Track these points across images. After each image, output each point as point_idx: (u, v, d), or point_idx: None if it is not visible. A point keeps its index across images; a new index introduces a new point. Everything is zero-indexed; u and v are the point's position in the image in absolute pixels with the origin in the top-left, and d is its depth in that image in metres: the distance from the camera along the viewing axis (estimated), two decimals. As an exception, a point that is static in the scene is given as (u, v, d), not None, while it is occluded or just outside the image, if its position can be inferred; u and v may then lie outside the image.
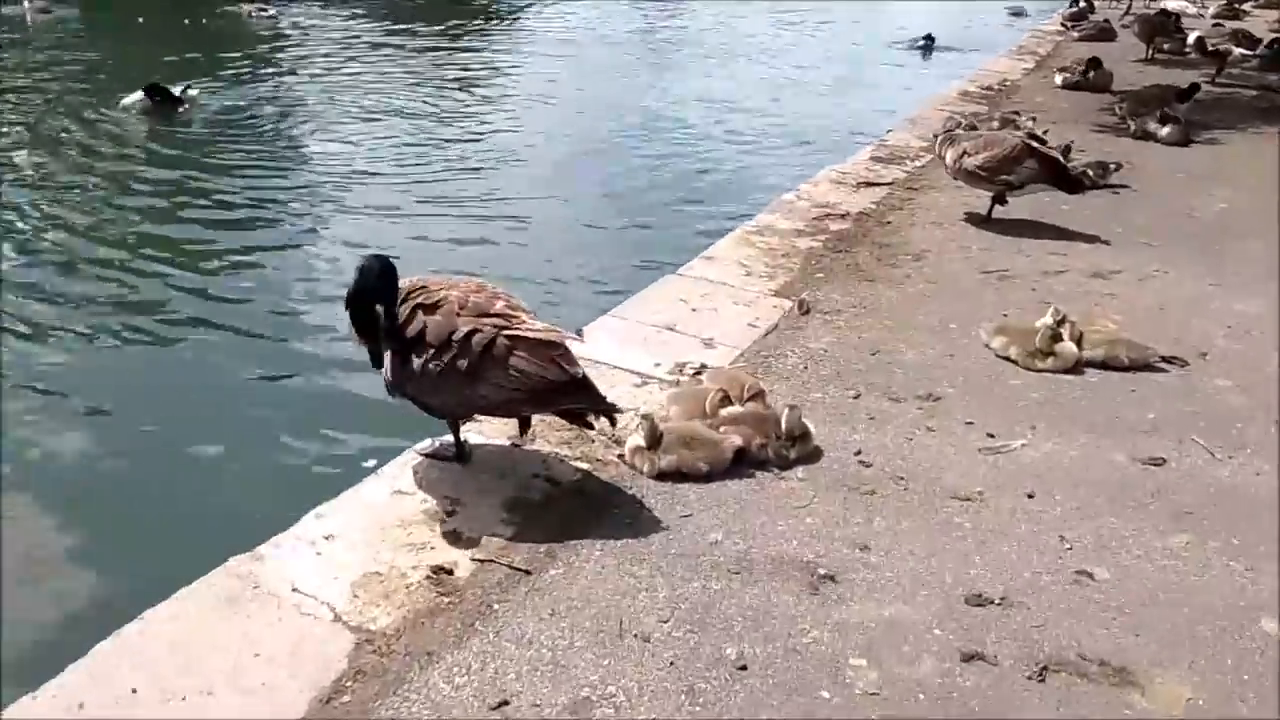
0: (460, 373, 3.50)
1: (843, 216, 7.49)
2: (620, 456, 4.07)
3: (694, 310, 5.59)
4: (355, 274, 3.81)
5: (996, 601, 3.29)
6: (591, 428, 3.76)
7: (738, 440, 4.02)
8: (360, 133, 12.71)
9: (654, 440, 3.97)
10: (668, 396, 4.51)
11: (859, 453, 4.18)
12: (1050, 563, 3.51)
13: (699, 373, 4.80)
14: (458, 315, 3.58)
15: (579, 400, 3.54)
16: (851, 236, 7.05)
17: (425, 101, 14.52)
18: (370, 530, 3.56)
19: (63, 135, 12.06)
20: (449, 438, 3.99)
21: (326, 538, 3.51)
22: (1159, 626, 3.22)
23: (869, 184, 8.43)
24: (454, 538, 3.56)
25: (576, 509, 3.75)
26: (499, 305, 3.62)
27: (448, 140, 12.37)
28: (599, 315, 5.53)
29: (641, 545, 3.54)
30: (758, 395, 4.36)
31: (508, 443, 4.11)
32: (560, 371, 3.48)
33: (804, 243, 6.85)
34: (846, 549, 3.55)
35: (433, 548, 3.50)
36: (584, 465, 4.04)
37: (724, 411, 4.24)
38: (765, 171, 11.28)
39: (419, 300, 3.65)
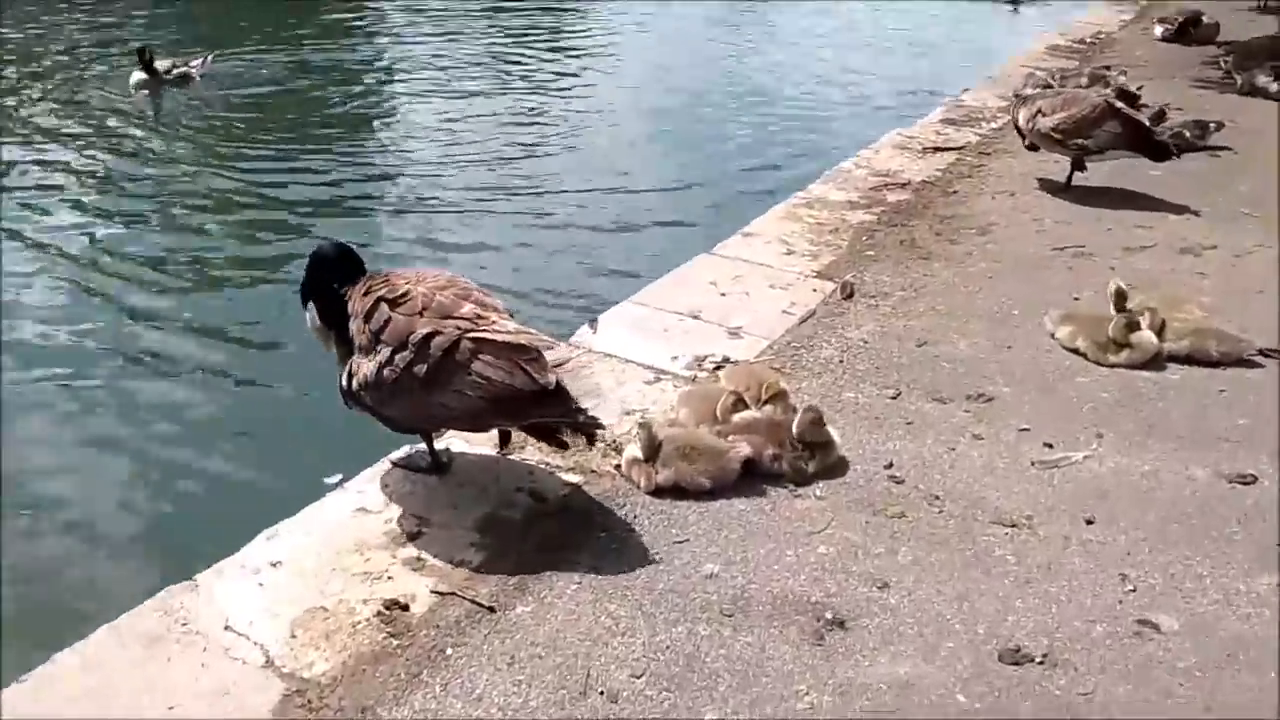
0: (418, 379, 3.09)
1: (903, 186, 6.86)
2: (617, 467, 3.63)
3: (723, 295, 5.08)
4: (310, 258, 3.45)
5: (1037, 659, 2.75)
6: (565, 447, 3.30)
7: (746, 451, 3.52)
8: (389, 109, 12.34)
9: (652, 451, 3.51)
10: (679, 397, 4.03)
11: (890, 465, 3.65)
12: (1107, 609, 2.95)
13: (719, 368, 4.31)
14: (420, 315, 3.16)
15: (551, 413, 3.09)
16: (910, 208, 6.42)
17: (472, 76, 13.89)
18: (323, 555, 3.19)
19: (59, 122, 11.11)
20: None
21: (274, 564, 3.15)
22: (1237, 696, 2.65)
23: (936, 149, 7.75)
24: (415, 565, 3.16)
25: (559, 530, 3.31)
26: (466, 307, 3.18)
27: (491, 113, 11.81)
28: (622, 301, 5.05)
29: (625, 578, 3.09)
30: (778, 396, 3.85)
31: (494, 451, 3.69)
32: (528, 379, 3.04)
33: (856, 216, 6.26)
34: (863, 587, 3.05)
35: (390, 577, 3.11)
36: (575, 478, 3.60)
37: (736, 417, 3.75)
38: (831, 138, 10.59)
39: (382, 293, 3.24)
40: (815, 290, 5.16)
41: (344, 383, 3.27)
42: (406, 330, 3.13)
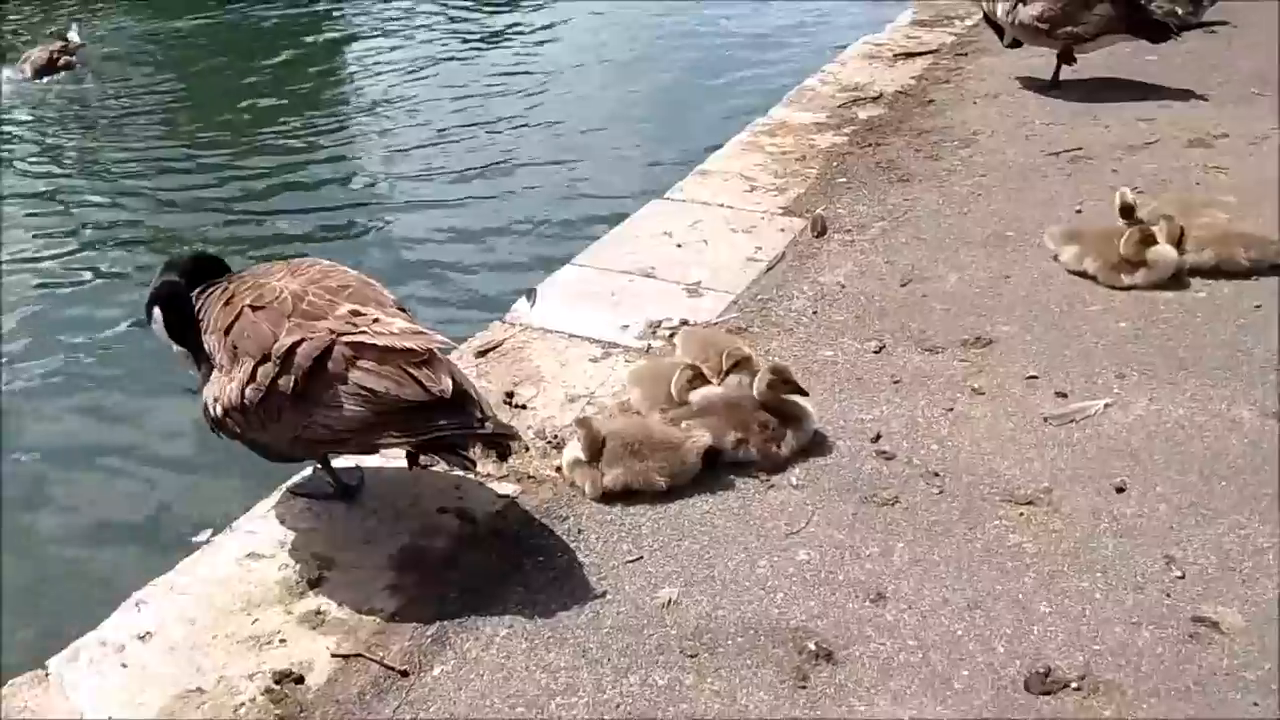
0: (287, 397, 2.51)
1: (875, 99, 6.20)
2: (558, 470, 3.07)
3: (679, 246, 4.47)
4: (162, 266, 2.88)
5: (1073, 684, 2.22)
6: (472, 466, 2.72)
7: (704, 440, 2.95)
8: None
9: (595, 450, 2.95)
10: (629, 375, 3.45)
11: (878, 438, 3.09)
12: (1153, 606, 2.41)
13: (675, 335, 3.72)
14: (288, 319, 2.58)
15: (450, 425, 2.51)
16: (884, 124, 5.77)
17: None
18: (202, 620, 2.63)
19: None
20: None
21: (141, 637, 2.59)
22: (1329, 712, 2.12)
23: (908, 54, 7.06)
24: (315, 620, 2.61)
25: (488, 559, 2.76)
26: (342, 307, 2.59)
27: (441, 59, 10.63)
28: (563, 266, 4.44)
29: (566, 615, 2.54)
30: (741, 364, 3.27)
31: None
32: (418, 388, 2.45)
33: (825, 139, 5.61)
34: (853, 601, 2.50)
35: (283, 640, 2.56)
36: (510, 488, 3.04)
37: (694, 395, 3.17)
38: (793, 55, 9.72)
39: (246, 299, 2.65)
40: (783, 230, 4.55)
41: (207, 408, 2.69)
42: (269, 339, 2.55)
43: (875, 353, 3.55)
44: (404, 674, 2.43)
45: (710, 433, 2.98)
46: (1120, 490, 2.77)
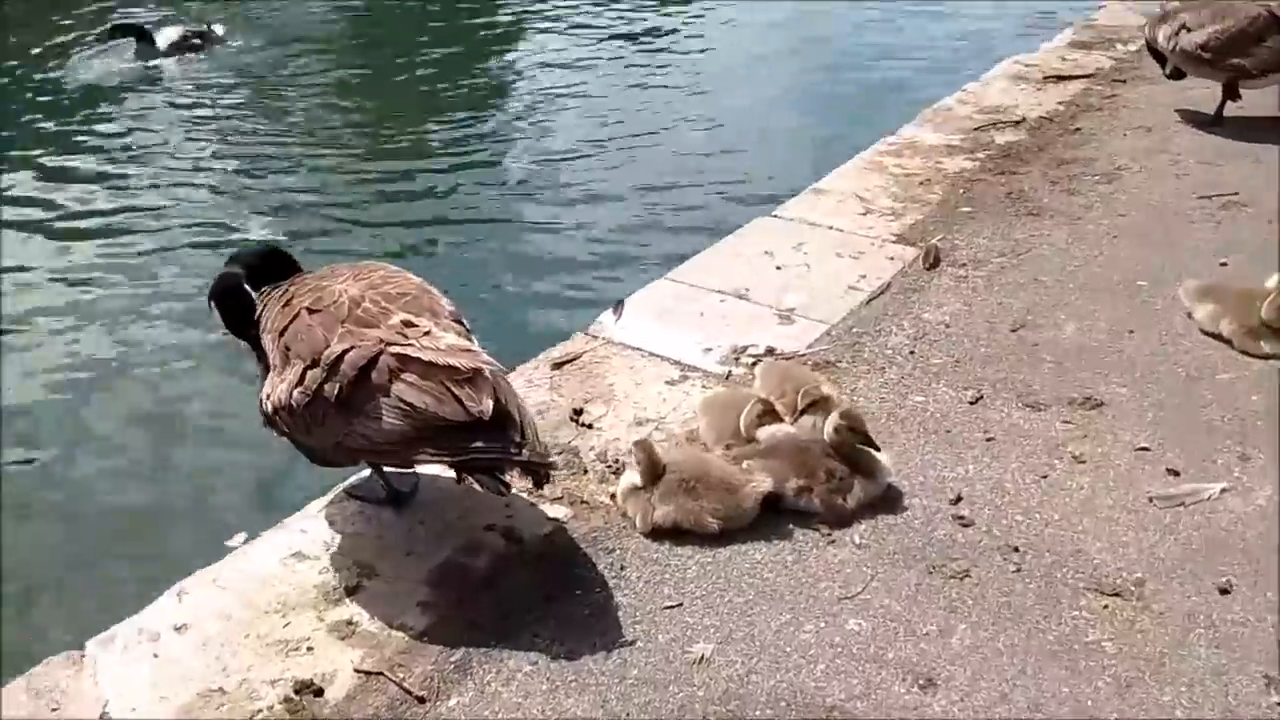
0: (331, 403, 2.46)
1: (1016, 124, 5.83)
2: (613, 496, 2.94)
3: (779, 267, 4.28)
4: (229, 257, 2.89)
5: (1137, 817, 1.96)
6: (506, 491, 2.61)
7: (765, 487, 2.78)
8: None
9: (653, 477, 2.81)
10: (700, 403, 3.31)
11: (959, 500, 2.85)
12: (1245, 733, 2.12)
13: (758, 363, 3.55)
14: (342, 324, 2.54)
15: (487, 448, 2.41)
16: (1021, 152, 5.42)
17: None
18: (237, 617, 2.62)
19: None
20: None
21: (178, 628, 2.60)
22: None
23: (1060, 77, 6.62)
24: (345, 631, 2.57)
25: (526, 585, 2.66)
26: (396, 316, 2.53)
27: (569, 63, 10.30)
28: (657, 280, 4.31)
29: (593, 660, 2.42)
30: (818, 404, 3.08)
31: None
32: (457, 407, 2.37)
33: (954, 163, 5.31)
34: (900, 684, 2.29)
35: (310, 648, 2.52)
36: (562, 510, 2.94)
37: (761, 433, 3.00)
38: (935, 72, 9.16)
39: (305, 302, 2.63)
40: (892, 258, 4.31)
41: (261, 403, 2.68)
42: (321, 344, 2.51)
43: (971, 403, 3.29)
44: (421, 700, 2.36)
45: (772, 476, 2.81)
46: (1225, 592, 2.47)
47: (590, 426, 3.32)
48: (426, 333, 2.53)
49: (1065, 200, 4.80)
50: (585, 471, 3.10)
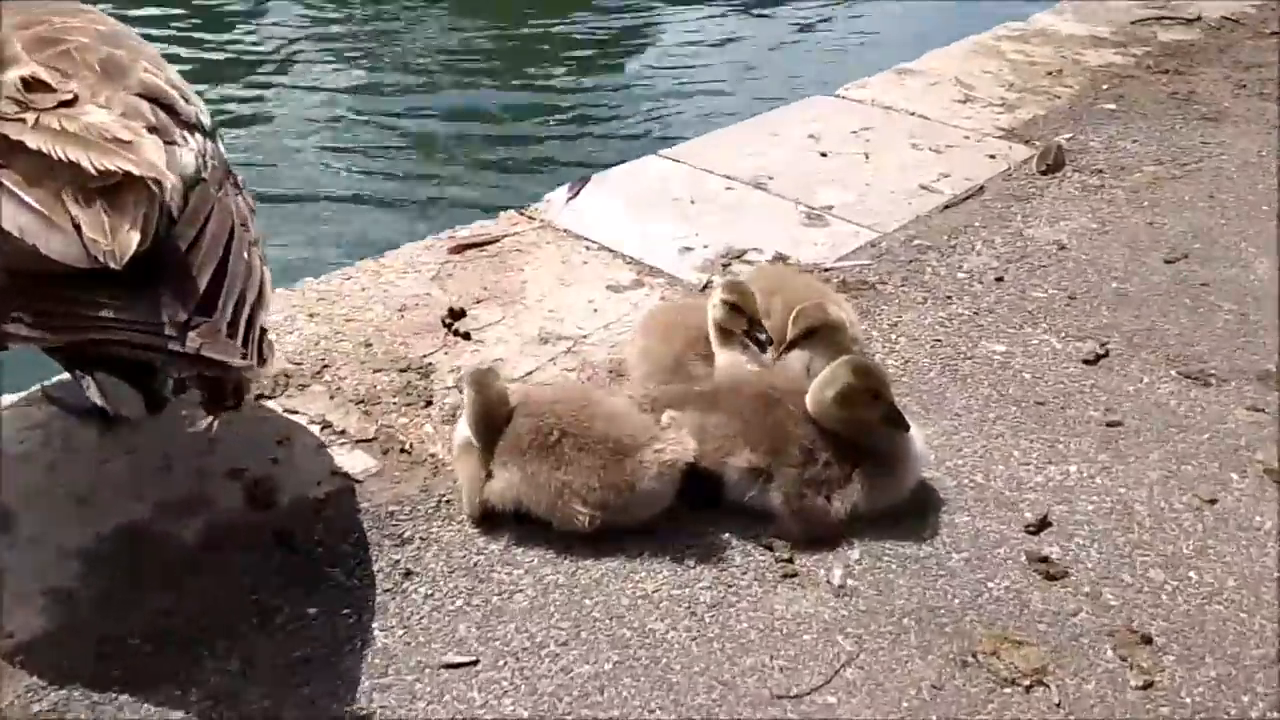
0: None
1: (1189, 22, 4.33)
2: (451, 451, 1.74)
3: (823, 154, 2.97)
4: None
5: None
6: (158, 408, 1.43)
7: (685, 453, 1.53)
8: None
9: (489, 427, 1.60)
10: (642, 321, 2.05)
11: (1042, 526, 1.56)
12: None
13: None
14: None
15: (119, 323, 1.21)
16: (1194, 51, 3.96)
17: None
18: None
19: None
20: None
21: None
22: None
23: (1254, -21, 5.05)
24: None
25: (229, 590, 1.50)
26: (19, 69, 1.35)
27: None
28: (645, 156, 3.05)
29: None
30: (818, 333, 1.80)
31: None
32: (72, 240, 1.18)
33: (1098, 55, 3.88)
34: None
35: None
36: (367, 460, 1.76)
37: (714, 365, 1.75)
38: None
39: None
40: (994, 156, 2.96)
41: None
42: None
43: (1087, 362, 1.98)
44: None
45: (705, 441, 1.55)
46: None
47: (466, 337, 2.12)
48: (66, 102, 1.34)
49: (1255, 105, 3.38)
50: (427, 404, 1.91)
